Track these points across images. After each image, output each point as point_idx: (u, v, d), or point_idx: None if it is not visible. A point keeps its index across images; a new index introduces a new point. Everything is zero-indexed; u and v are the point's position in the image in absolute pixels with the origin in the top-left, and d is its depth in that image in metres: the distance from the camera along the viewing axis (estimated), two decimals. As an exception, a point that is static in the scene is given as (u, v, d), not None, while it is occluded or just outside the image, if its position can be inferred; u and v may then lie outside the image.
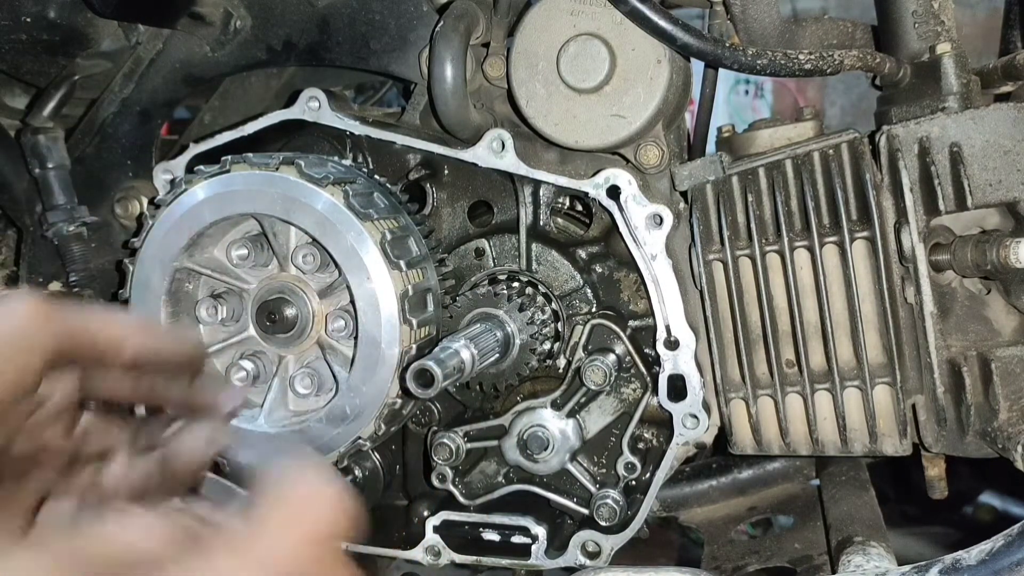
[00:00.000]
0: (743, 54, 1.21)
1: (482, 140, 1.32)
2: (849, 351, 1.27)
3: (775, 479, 1.64)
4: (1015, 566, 1.02)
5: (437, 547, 1.39)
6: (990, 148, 1.18)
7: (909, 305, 1.24)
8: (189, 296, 1.33)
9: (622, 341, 1.35)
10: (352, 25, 1.45)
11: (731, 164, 1.31)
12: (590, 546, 1.35)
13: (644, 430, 1.40)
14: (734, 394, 1.32)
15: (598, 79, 1.26)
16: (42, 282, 1.57)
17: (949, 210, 1.20)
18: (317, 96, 1.38)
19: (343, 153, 1.45)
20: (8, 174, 1.55)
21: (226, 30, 1.49)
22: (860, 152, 1.25)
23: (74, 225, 1.52)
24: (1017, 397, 1.19)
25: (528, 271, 1.40)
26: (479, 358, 1.21)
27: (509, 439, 1.36)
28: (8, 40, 1.42)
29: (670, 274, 1.29)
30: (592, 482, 1.37)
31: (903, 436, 1.27)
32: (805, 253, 1.27)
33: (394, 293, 1.21)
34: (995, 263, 1.15)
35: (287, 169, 1.23)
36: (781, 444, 1.32)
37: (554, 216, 1.43)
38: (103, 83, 1.56)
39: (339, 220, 1.21)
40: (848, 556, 1.23)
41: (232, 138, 1.41)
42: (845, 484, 1.48)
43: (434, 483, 1.41)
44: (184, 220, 1.27)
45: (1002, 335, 1.23)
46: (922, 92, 1.28)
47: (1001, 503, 3.78)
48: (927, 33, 1.30)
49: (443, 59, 1.29)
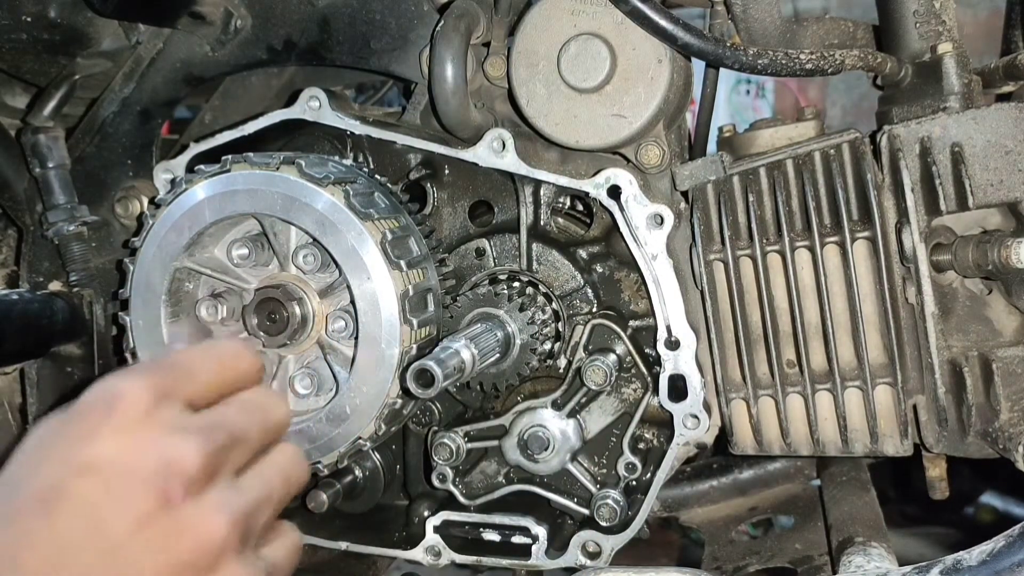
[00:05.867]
0: (744, 54, 1.21)
1: (483, 140, 1.32)
2: (850, 351, 1.27)
3: (776, 479, 1.64)
4: (1016, 567, 1.02)
5: (437, 547, 1.39)
6: (991, 148, 1.18)
7: (910, 305, 1.24)
8: (189, 295, 1.33)
9: (623, 341, 1.35)
10: (352, 24, 1.45)
11: (732, 164, 1.31)
12: (590, 546, 1.35)
13: (645, 430, 1.39)
14: (735, 394, 1.32)
15: (599, 79, 1.25)
16: (42, 281, 1.57)
17: (950, 210, 1.20)
18: (317, 96, 1.38)
19: (344, 153, 1.44)
20: (8, 174, 1.55)
21: (226, 29, 1.49)
22: (861, 152, 1.25)
23: (74, 225, 1.52)
24: (1018, 397, 1.18)
25: (529, 271, 1.40)
26: (479, 358, 1.21)
27: (509, 439, 1.36)
28: (8, 40, 1.42)
29: (671, 274, 1.29)
30: (593, 482, 1.37)
31: (904, 436, 1.27)
32: (806, 253, 1.27)
33: (394, 293, 1.21)
34: (996, 263, 1.14)
35: (288, 169, 1.23)
36: (782, 444, 1.32)
37: (555, 216, 1.43)
38: (103, 82, 1.56)
39: (340, 220, 1.20)
40: (849, 556, 1.23)
41: (232, 138, 1.41)
42: (846, 484, 1.48)
43: (434, 483, 1.41)
44: (184, 219, 1.27)
45: (1003, 335, 1.23)
46: (923, 92, 1.28)
47: (1002, 503, 3.78)
48: (928, 33, 1.30)
49: (444, 59, 1.29)
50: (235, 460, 0.81)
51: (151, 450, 0.75)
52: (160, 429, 0.76)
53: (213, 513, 0.76)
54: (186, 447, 0.76)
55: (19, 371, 1.59)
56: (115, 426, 0.75)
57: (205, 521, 0.75)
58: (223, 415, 0.82)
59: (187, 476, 0.75)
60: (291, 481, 0.87)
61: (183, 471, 0.75)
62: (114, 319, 1.51)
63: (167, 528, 0.74)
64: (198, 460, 0.76)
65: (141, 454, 0.75)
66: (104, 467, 0.73)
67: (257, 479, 0.83)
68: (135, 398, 0.76)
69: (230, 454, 0.80)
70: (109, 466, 0.74)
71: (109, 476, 0.73)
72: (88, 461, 0.74)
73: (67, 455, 0.75)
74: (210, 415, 0.81)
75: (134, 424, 0.75)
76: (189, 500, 0.75)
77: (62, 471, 0.74)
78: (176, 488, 0.74)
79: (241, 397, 0.86)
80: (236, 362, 0.86)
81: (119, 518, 0.72)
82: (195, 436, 0.77)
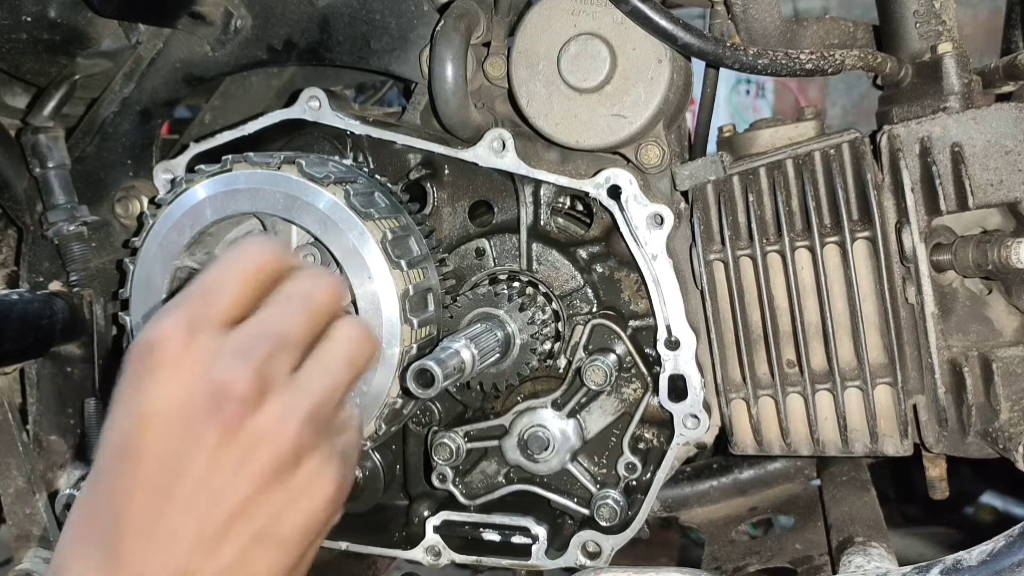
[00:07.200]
0: (744, 54, 1.21)
1: (483, 140, 1.32)
2: (850, 351, 1.27)
3: (776, 479, 1.64)
4: (1016, 567, 1.01)
5: (437, 547, 1.39)
6: (991, 148, 1.18)
7: (910, 305, 1.24)
8: None
9: (623, 341, 1.35)
10: (352, 24, 1.45)
11: (732, 164, 1.31)
12: (590, 546, 1.35)
13: (645, 430, 1.39)
14: (735, 394, 1.32)
15: (599, 79, 1.25)
16: (42, 281, 1.57)
17: (950, 210, 1.20)
18: (317, 96, 1.38)
19: (344, 153, 1.45)
20: (8, 173, 1.55)
21: (226, 29, 1.49)
22: (861, 152, 1.25)
23: (74, 224, 1.52)
24: (1018, 398, 1.18)
25: (529, 271, 1.40)
26: (479, 358, 1.21)
27: (509, 439, 1.36)
28: (8, 39, 1.42)
29: (671, 274, 1.29)
30: (592, 482, 1.37)
31: (904, 436, 1.27)
32: (806, 253, 1.27)
33: (395, 293, 1.21)
34: (996, 263, 1.14)
35: (288, 168, 1.23)
36: (782, 444, 1.32)
37: (555, 216, 1.43)
38: (103, 82, 1.55)
39: (340, 219, 1.20)
40: (849, 556, 1.23)
41: (232, 137, 1.41)
42: (846, 484, 1.48)
43: (434, 483, 1.41)
44: (185, 219, 1.27)
45: (1003, 335, 1.23)
46: (923, 92, 1.28)
47: (1002, 503, 3.79)
48: (928, 33, 1.29)
49: (444, 59, 1.29)
50: (287, 360, 0.81)
51: (198, 384, 0.76)
52: (201, 361, 0.77)
53: (277, 422, 0.78)
54: (230, 370, 0.77)
55: (19, 371, 1.59)
56: (158, 372, 0.77)
57: (273, 432, 0.77)
58: (262, 321, 0.82)
59: (239, 397, 0.76)
60: (355, 359, 0.87)
61: (234, 394, 0.76)
62: (114, 319, 1.51)
63: (240, 450, 0.76)
64: (245, 379, 0.77)
65: (189, 391, 0.76)
66: (159, 415, 0.76)
67: (316, 371, 0.83)
68: (169, 338, 0.78)
69: (278, 359, 0.80)
70: (164, 412, 0.76)
71: (167, 422, 0.76)
72: (144, 413, 0.76)
73: (127, 411, 0.78)
74: (249, 326, 0.81)
75: (175, 364, 0.77)
76: (249, 418, 0.76)
77: (127, 426, 0.77)
78: (233, 412, 0.76)
79: (281, 292, 0.85)
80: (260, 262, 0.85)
81: (192, 458, 0.75)
82: (236, 356, 0.78)
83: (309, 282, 0.86)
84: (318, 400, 0.82)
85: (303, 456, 0.79)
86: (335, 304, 0.88)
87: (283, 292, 0.85)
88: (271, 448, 0.77)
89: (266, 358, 0.79)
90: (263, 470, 0.77)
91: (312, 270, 0.90)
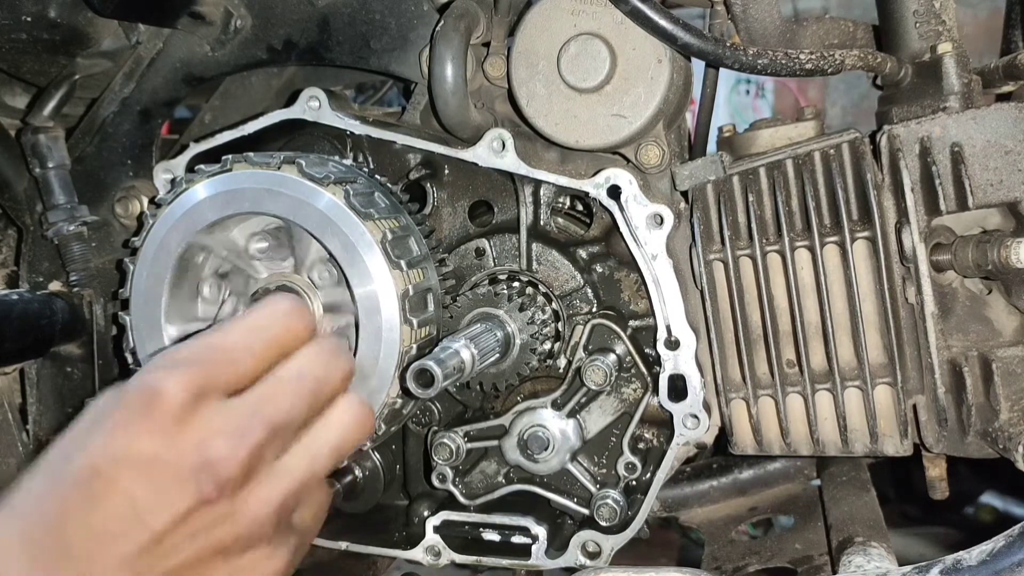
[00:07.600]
0: (744, 54, 1.21)
1: (482, 140, 1.32)
2: (850, 351, 1.27)
3: (776, 479, 1.64)
4: (1016, 567, 1.01)
5: (437, 547, 1.39)
6: (991, 148, 1.18)
7: (910, 305, 1.24)
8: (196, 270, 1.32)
9: (622, 341, 1.35)
10: (352, 24, 1.45)
11: (732, 164, 1.31)
12: (590, 546, 1.35)
13: (644, 430, 1.39)
14: (735, 394, 1.32)
15: (599, 79, 1.25)
16: (42, 281, 1.57)
17: (950, 210, 1.20)
18: (317, 96, 1.38)
19: (343, 153, 1.44)
20: (8, 174, 1.55)
21: (226, 29, 1.49)
22: (861, 152, 1.25)
23: (74, 225, 1.52)
24: (1018, 397, 1.18)
25: (528, 271, 1.40)
26: (479, 358, 1.21)
27: (509, 439, 1.36)
28: (8, 39, 1.42)
29: (671, 274, 1.29)
30: (592, 482, 1.37)
31: (904, 436, 1.27)
32: (806, 253, 1.27)
33: (395, 293, 1.21)
34: (996, 263, 1.14)
35: (288, 168, 1.23)
36: (782, 444, 1.32)
37: (554, 216, 1.43)
38: (103, 82, 1.56)
39: (340, 219, 1.20)
40: (849, 556, 1.23)
41: (232, 137, 1.41)
42: (846, 484, 1.48)
43: (434, 483, 1.41)
44: (185, 219, 1.26)
45: (1003, 335, 1.23)
46: (923, 92, 1.28)
47: (1002, 503, 3.79)
48: (928, 33, 1.30)
49: (443, 59, 1.29)
50: (279, 447, 0.82)
51: (188, 452, 0.76)
52: (198, 431, 0.77)
53: (250, 509, 0.78)
54: (223, 449, 0.77)
55: (19, 371, 1.59)
56: (153, 424, 0.77)
57: (239, 516, 0.78)
58: (265, 400, 0.82)
59: (224, 478, 0.77)
60: (344, 447, 0.87)
61: (219, 476, 0.76)
62: (114, 319, 1.51)
63: (203, 522, 0.76)
64: (235, 462, 0.77)
65: (179, 455, 0.76)
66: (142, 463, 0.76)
67: (302, 459, 0.83)
68: (173, 397, 0.78)
69: (271, 446, 0.81)
70: (148, 462, 0.76)
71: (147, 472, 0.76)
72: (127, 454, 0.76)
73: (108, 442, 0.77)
74: (252, 403, 0.81)
75: (172, 424, 0.77)
76: (225, 499, 0.77)
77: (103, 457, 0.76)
78: (213, 489, 0.76)
79: (290, 368, 0.85)
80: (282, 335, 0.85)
81: (157, 513, 0.75)
82: (233, 436, 0.78)
83: (323, 363, 0.87)
84: (295, 489, 0.82)
85: (257, 543, 0.80)
86: (343, 387, 0.88)
87: (296, 367, 0.85)
88: (231, 529, 0.78)
89: (260, 444, 0.79)
90: (215, 545, 0.78)
91: (329, 346, 0.90)
